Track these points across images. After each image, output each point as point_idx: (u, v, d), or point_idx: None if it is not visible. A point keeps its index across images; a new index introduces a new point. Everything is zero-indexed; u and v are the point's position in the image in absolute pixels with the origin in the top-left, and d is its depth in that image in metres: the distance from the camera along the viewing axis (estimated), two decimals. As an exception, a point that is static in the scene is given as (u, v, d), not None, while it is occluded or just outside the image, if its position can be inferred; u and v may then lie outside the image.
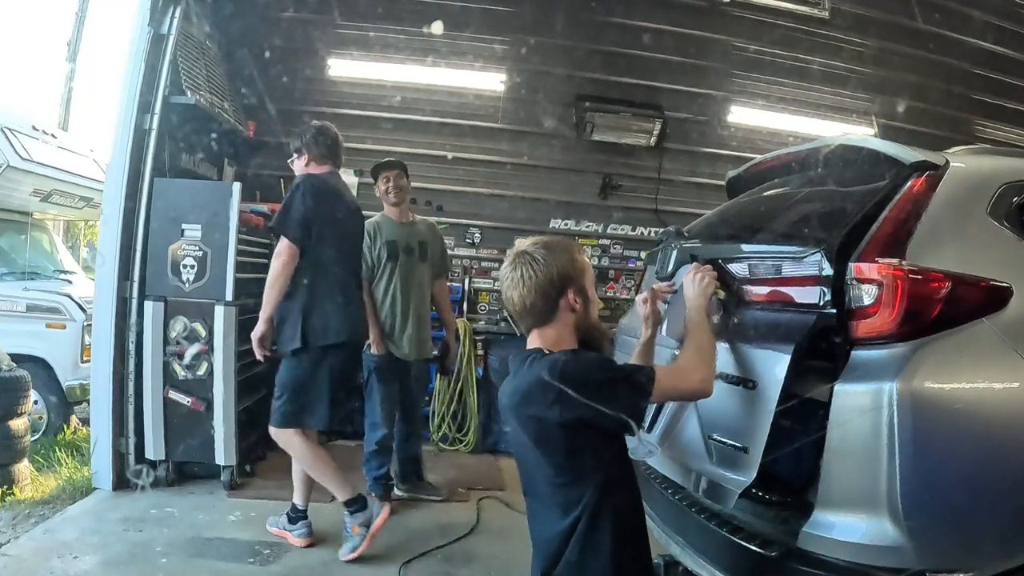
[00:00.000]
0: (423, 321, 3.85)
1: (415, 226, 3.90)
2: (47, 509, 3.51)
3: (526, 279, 1.65)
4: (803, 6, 5.39)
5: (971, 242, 1.77)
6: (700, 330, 1.79)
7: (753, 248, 2.18)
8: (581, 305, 1.69)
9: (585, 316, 1.70)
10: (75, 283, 5.71)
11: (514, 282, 1.67)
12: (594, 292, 1.74)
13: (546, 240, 1.72)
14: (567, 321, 1.68)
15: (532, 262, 1.66)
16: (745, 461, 1.79)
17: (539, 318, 1.68)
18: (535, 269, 1.65)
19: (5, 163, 4.97)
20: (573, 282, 1.68)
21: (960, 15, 5.31)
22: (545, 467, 1.61)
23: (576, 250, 1.75)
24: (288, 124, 5.49)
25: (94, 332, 3.89)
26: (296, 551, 3.20)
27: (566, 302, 1.67)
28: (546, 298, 1.66)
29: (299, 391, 3.14)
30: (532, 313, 1.68)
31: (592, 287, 1.74)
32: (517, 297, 1.67)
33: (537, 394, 1.56)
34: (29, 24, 15.28)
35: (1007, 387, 1.64)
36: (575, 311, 1.68)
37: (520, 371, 1.66)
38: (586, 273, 1.72)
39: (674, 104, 5.71)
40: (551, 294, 1.66)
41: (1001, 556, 1.59)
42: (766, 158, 2.62)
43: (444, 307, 4.09)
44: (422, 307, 3.85)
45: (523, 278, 1.66)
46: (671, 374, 1.70)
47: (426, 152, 5.47)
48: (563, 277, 1.66)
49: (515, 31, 5.38)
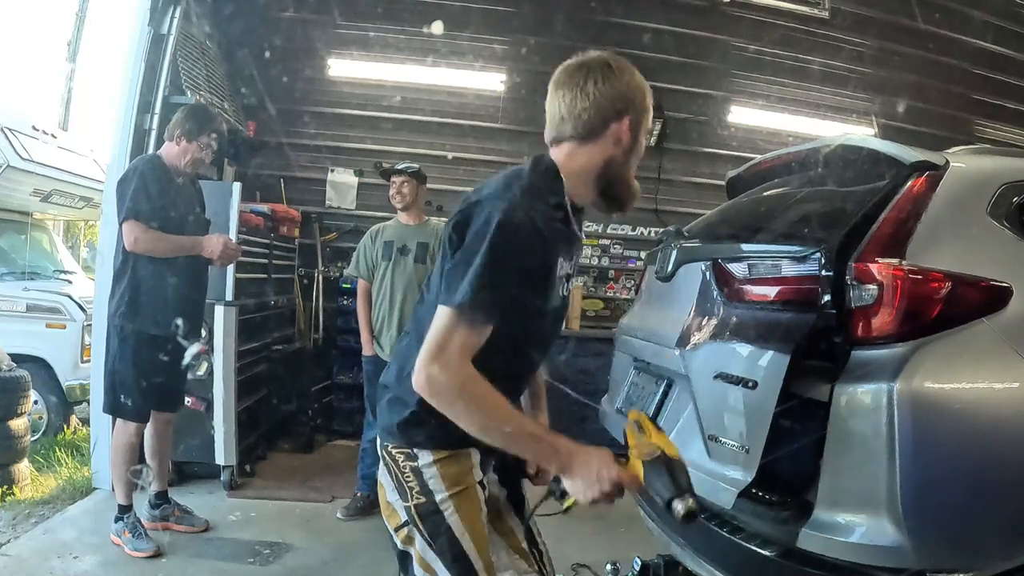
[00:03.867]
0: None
1: (423, 228, 3.87)
2: (47, 509, 3.51)
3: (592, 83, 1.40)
4: (803, 6, 5.40)
5: (971, 242, 1.77)
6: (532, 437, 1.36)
7: (753, 248, 2.18)
8: (628, 143, 1.44)
9: (624, 162, 1.46)
10: (75, 283, 5.71)
11: (575, 81, 1.42)
12: (640, 151, 1.49)
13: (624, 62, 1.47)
14: (602, 153, 1.43)
15: (608, 72, 1.41)
16: (745, 461, 1.79)
17: (578, 131, 1.42)
18: (607, 78, 1.41)
19: (5, 163, 4.97)
20: (634, 113, 1.43)
21: (960, 15, 5.32)
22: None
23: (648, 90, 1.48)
24: (288, 124, 5.52)
25: (94, 332, 3.89)
26: (296, 551, 3.20)
27: (617, 128, 1.42)
28: (600, 114, 1.41)
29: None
30: (573, 121, 1.42)
31: (644, 139, 1.49)
32: (569, 98, 1.42)
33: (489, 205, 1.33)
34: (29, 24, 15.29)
35: (1007, 387, 1.64)
36: (619, 145, 1.43)
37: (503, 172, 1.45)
38: (648, 115, 1.48)
39: (674, 104, 5.71)
40: (607, 113, 1.41)
41: (1001, 556, 1.59)
42: (766, 158, 2.62)
43: None
44: (412, 309, 3.81)
45: (589, 79, 1.41)
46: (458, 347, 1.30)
47: (426, 152, 5.47)
48: (628, 101, 1.42)
49: (515, 31, 5.39)
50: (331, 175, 5.66)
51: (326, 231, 5.62)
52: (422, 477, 1.44)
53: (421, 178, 3.86)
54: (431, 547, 1.45)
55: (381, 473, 1.52)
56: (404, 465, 1.46)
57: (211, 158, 3.37)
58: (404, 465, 1.46)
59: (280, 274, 5.07)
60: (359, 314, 3.83)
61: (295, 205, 5.38)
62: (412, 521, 1.45)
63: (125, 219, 2.96)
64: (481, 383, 1.30)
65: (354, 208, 5.65)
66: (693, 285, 2.25)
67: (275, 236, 4.90)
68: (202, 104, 3.98)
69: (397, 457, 1.47)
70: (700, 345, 2.09)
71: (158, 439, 3.28)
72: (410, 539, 1.47)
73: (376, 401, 1.59)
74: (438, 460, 1.44)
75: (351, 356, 4.86)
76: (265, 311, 4.72)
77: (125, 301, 3.03)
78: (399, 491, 1.47)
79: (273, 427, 4.87)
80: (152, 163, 3.11)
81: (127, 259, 3.04)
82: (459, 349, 1.29)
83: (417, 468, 1.44)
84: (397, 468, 1.47)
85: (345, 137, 5.62)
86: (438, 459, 1.44)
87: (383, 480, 1.52)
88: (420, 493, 1.44)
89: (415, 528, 1.45)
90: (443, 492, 1.44)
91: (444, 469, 1.44)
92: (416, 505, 1.44)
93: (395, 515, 1.49)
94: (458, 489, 1.44)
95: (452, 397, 1.30)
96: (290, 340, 5.18)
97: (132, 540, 3.03)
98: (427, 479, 1.44)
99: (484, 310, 1.29)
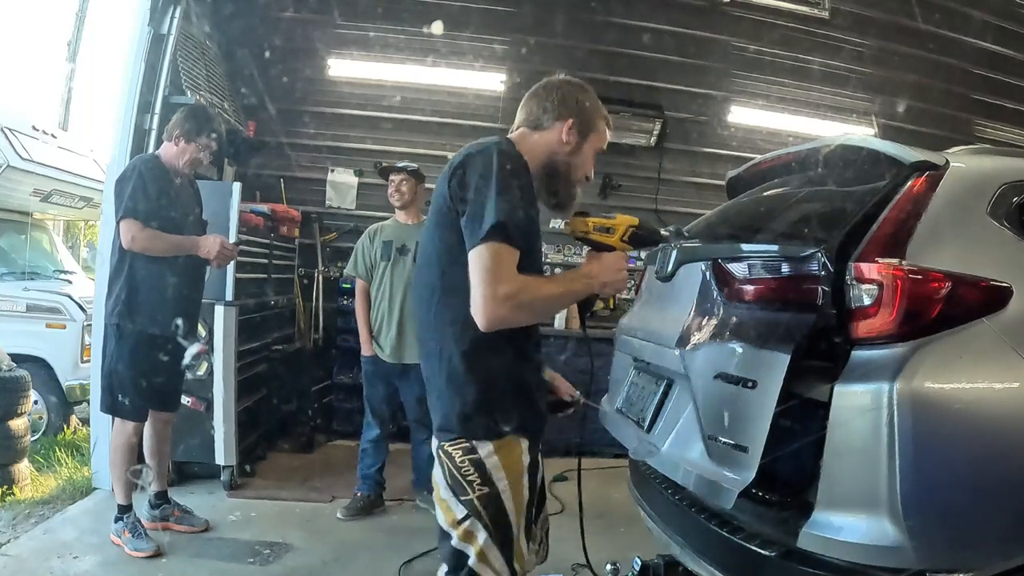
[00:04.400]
0: (409, 323, 3.71)
1: (421, 227, 3.84)
2: (47, 509, 3.51)
3: (549, 90, 1.69)
4: (803, 6, 5.40)
5: (971, 242, 1.77)
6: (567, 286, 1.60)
7: (753, 248, 2.17)
8: (571, 145, 1.67)
9: (566, 162, 1.68)
10: (75, 283, 5.71)
11: (538, 89, 1.71)
12: (590, 161, 1.72)
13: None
14: (547, 145, 1.67)
15: (564, 85, 1.70)
16: (745, 461, 1.78)
17: (530, 120, 1.69)
18: (562, 89, 1.68)
19: (5, 163, 4.97)
20: (580, 120, 1.67)
21: (960, 15, 5.32)
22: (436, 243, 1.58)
23: (603, 116, 1.73)
24: (288, 124, 5.52)
25: (94, 332, 3.89)
26: (296, 551, 3.20)
27: (561, 127, 1.66)
28: (548, 112, 1.67)
29: None
30: (528, 115, 1.69)
31: (591, 159, 1.72)
32: (531, 101, 1.70)
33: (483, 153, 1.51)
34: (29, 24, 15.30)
35: (1007, 387, 1.64)
36: (562, 144, 1.66)
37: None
38: (596, 133, 1.71)
39: (674, 104, 5.72)
40: (555, 113, 1.66)
41: (1001, 556, 1.59)
42: (766, 158, 2.61)
43: None
44: (411, 309, 3.78)
45: (548, 88, 1.69)
46: (511, 274, 1.45)
47: (426, 152, 5.47)
48: (575, 109, 1.67)
49: (515, 31, 5.39)
50: (331, 175, 5.66)
51: (326, 231, 5.62)
52: (484, 468, 1.51)
53: (419, 177, 3.85)
54: (492, 536, 1.51)
55: (436, 473, 1.59)
56: (463, 460, 1.52)
57: (209, 159, 3.37)
58: (463, 460, 1.52)
59: (280, 274, 5.07)
60: (358, 314, 3.84)
61: (295, 205, 5.38)
62: (474, 514, 1.51)
63: (122, 217, 2.96)
64: (526, 280, 1.45)
65: (354, 208, 5.65)
66: (693, 285, 2.25)
67: (275, 236, 4.90)
68: (202, 104, 3.98)
69: (454, 453, 1.53)
70: (700, 345, 2.09)
71: (157, 439, 3.28)
72: (470, 534, 1.52)
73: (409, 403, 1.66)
74: (498, 450, 1.52)
75: (351, 356, 4.86)
76: (265, 311, 4.72)
77: (122, 300, 3.03)
78: (457, 487, 1.53)
79: (273, 427, 4.87)
80: (150, 163, 3.11)
81: (124, 258, 3.04)
82: (508, 269, 1.43)
83: (478, 460, 1.52)
84: (453, 464, 1.53)
85: (345, 137, 5.62)
86: (498, 449, 1.52)
87: (437, 479, 1.58)
88: (483, 484, 1.51)
89: (477, 521, 1.51)
90: (504, 480, 1.52)
91: (503, 459, 1.53)
92: (479, 496, 1.51)
93: (451, 512, 1.54)
94: (515, 476, 1.54)
95: (524, 310, 1.46)
96: (290, 340, 5.18)
97: (132, 540, 3.03)
98: (489, 469, 1.52)
99: (514, 229, 1.43)
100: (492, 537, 1.51)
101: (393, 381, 3.79)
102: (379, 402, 3.82)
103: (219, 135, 3.29)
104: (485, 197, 1.44)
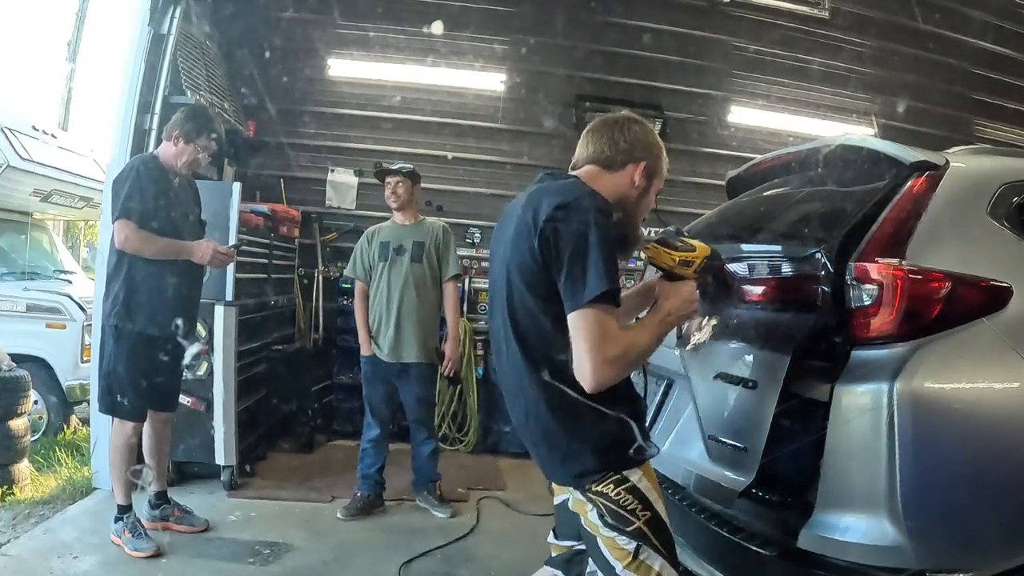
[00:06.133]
0: (407, 322, 3.73)
1: (419, 227, 3.87)
2: (47, 509, 3.51)
3: (619, 129, 1.66)
4: (803, 6, 5.40)
5: (971, 242, 1.77)
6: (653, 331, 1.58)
7: (753, 248, 2.18)
8: (641, 186, 1.66)
9: (635, 203, 1.67)
10: (75, 283, 5.71)
11: (608, 127, 1.67)
12: (652, 201, 1.72)
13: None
14: (618, 186, 1.64)
15: (634, 124, 1.68)
16: (745, 461, 1.79)
17: (602, 160, 1.65)
18: (632, 129, 1.66)
19: (5, 163, 4.97)
20: (650, 162, 1.66)
21: (960, 15, 5.32)
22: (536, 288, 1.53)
23: (665, 156, 1.72)
24: (288, 124, 5.52)
25: (94, 332, 3.89)
26: (296, 551, 3.20)
27: (633, 169, 1.65)
28: (622, 153, 1.64)
29: None
30: (599, 154, 1.66)
31: (653, 199, 1.72)
32: (599, 138, 1.66)
33: (577, 208, 1.47)
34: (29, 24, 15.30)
35: (1007, 387, 1.64)
36: (633, 185, 1.65)
37: (549, 184, 1.60)
38: (660, 174, 1.70)
39: (674, 104, 5.71)
40: (627, 154, 1.64)
41: (1001, 556, 1.59)
42: (766, 158, 2.62)
43: (447, 311, 4.00)
44: (409, 308, 3.74)
45: (617, 126, 1.66)
46: (615, 329, 1.45)
47: (426, 152, 5.48)
48: (646, 150, 1.66)
49: (515, 31, 5.39)
50: (331, 175, 5.66)
51: (326, 231, 5.62)
52: (640, 493, 1.52)
53: (415, 177, 3.86)
54: (667, 559, 1.52)
55: (587, 520, 1.56)
56: (618, 492, 1.51)
57: (208, 160, 3.37)
58: (618, 492, 1.51)
59: (280, 274, 5.07)
60: (356, 315, 3.85)
61: (295, 205, 5.38)
62: (645, 541, 1.50)
63: (118, 218, 2.96)
64: (628, 338, 1.47)
65: (354, 208, 5.65)
66: (693, 285, 2.25)
67: (275, 236, 4.90)
68: (202, 105, 3.98)
69: (606, 491, 1.52)
70: (700, 345, 2.09)
71: (156, 439, 3.27)
72: (647, 568, 1.49)
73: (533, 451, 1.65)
74: (645, 473, 1.55)
75: (351, 356, 4.86)
76: (265, 311, 4.72)
77: (120, 301, 3.02)
78: (620, 520, 1.51)
79: (273, 427, 4.86)
80: (149, 163, 3.11)
81: (122, 259, 3.03)
82: (613, 331, 1.43)
83: (633, 487, 1.52)
84: (609, 500, 1.51)
85: (345, 137, 5.62)
86: (645, 472, 1.55)
87: (594, 522, 1.54)
88: (644, 509, 1.52)
89: (649, 548, 1.50)
90: (659, 501, 1.54)
91: (650, 480, 1.55)
92: (645, 522, 1.51)
93: (621, 549, 1.51)
94: (659, 494, 1.56)
95: (629, 367, 1.50)
96: (290, 340, 5.17)
97: (132, 540, 3.03)
98: (645, 492, 1.53)
99: (615, 293, 1.44)
100: (667, 559, 1.51)
101: (392, 381, 3.80)
102: (379, 402, 3.83)
103: (219, 136, 3.28)
104: (588, 262, 1.42)
